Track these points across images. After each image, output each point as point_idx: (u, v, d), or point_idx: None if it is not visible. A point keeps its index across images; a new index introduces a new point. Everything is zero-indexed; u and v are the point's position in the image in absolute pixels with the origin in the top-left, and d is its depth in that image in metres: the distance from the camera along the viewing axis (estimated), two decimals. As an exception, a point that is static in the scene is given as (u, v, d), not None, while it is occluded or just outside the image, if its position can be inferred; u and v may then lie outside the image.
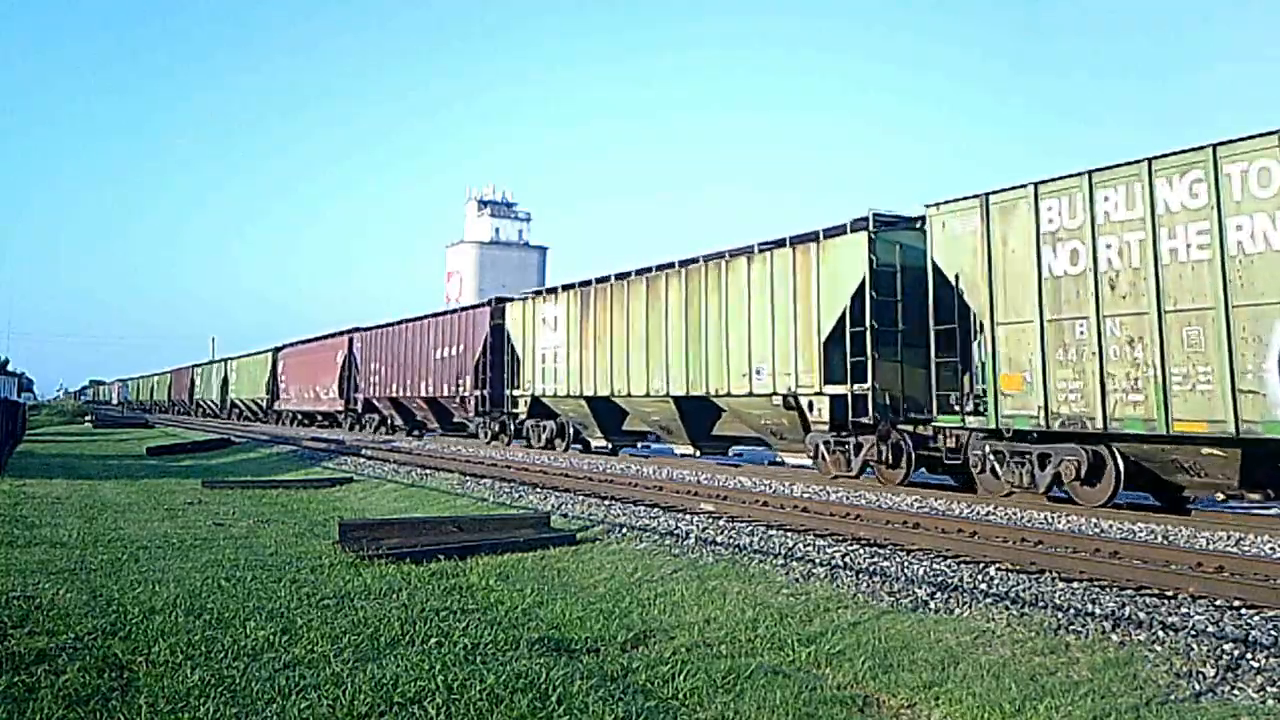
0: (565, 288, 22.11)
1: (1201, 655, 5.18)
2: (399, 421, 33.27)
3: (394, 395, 32.28)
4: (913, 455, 13.90)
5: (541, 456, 21.09)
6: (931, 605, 6.46)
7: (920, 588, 6.90)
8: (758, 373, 16.12)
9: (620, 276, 20.17)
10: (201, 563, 8.22)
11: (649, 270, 19.28)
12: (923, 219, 13.48)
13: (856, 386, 14.27)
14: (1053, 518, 10.71)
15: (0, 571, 7.66)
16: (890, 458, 14.05)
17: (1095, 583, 7.06)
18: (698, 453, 19.10)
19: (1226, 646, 5.27)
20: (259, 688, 4.60)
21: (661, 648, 5.63)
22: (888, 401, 14.05)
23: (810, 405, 15.09)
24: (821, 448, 15.13)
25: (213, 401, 55.00)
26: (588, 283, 21.26)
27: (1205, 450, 10.16)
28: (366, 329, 35.90)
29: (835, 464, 14.90)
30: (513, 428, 24.99)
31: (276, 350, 47.09)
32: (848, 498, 12.60)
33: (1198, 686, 4.81)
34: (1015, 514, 11.07)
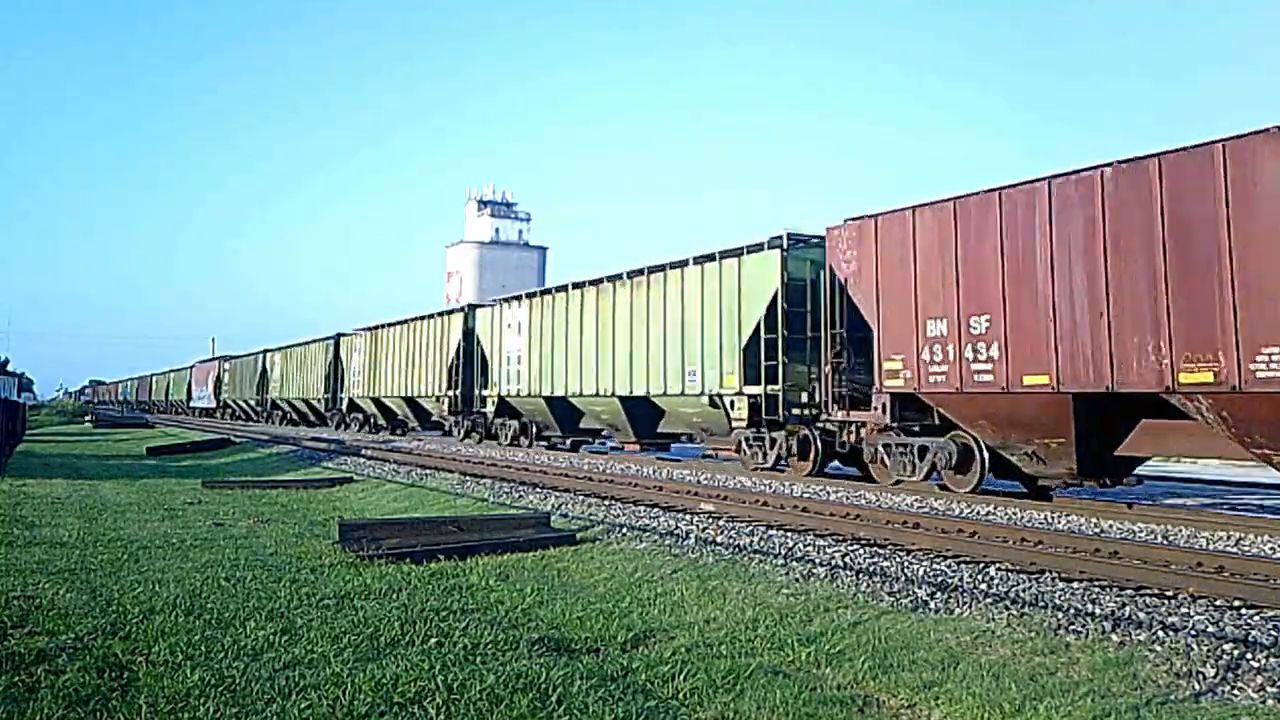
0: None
1: (1201, 655, 5.18)
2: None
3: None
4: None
5: (541, 456, 21.11)
6: (931, 605, 6.46)
7: (920, 588, 6.90)
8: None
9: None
10: (201, 563, 8.22)
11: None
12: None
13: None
14: (1053, 517, 10.72)
15: (0, 571, 7.66)
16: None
17: (1095, 583, 7.06)
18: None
19: (1226, 646, 5.27)
20: (259, 688, 4.60)
21: (661, 648, 5.63)
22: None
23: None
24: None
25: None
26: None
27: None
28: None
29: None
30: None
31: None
32: (848, 498, 12.61)
33: (1198, 686, 4.81)
34: (1015, 514, 11.07)
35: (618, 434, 21.24)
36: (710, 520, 10.43)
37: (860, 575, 7.35)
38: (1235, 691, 4.72)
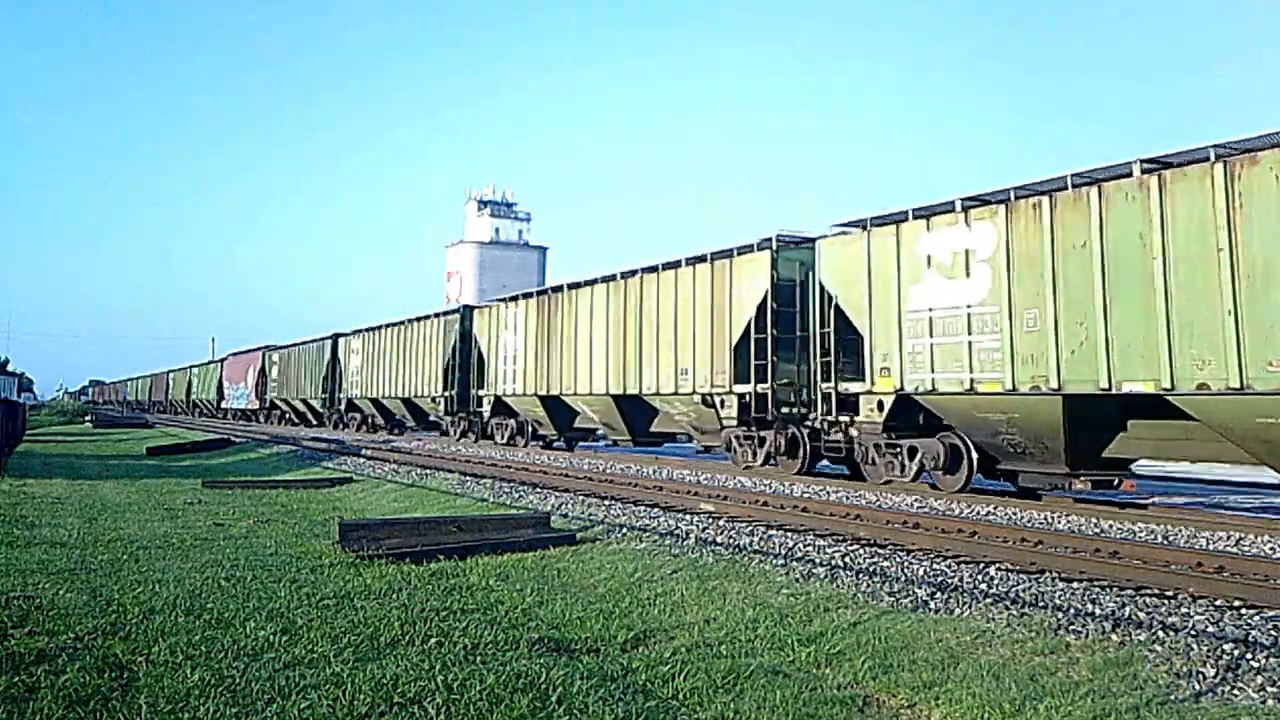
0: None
1: (1201, 655, 5.18)
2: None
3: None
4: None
5: (542, 456, 21.03)
6: (931, 605, 6.46)
7: (920, 588, 6.90)
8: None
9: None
10: (201, 563, 8.22)
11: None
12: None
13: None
14: (1053, 517, 10.71)
15: (0, 571, 7.66)
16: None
17: (1095, 583, 7.06)
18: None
19: (1226, 646, 5.27)
20: (259, 688, 4.60)
21: (661, 648, 5.63)
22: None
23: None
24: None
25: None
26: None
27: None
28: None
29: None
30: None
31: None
32: (848, 498, 12.61)
33: (1198, 686, 4.81)
34: (1015, 514, 11.07)
35: None
36: (710, 520, 10.43)
37: (860, 575, 7.36)
38: (1235, 691, 4.72)
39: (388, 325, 32.89)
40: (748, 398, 16.20)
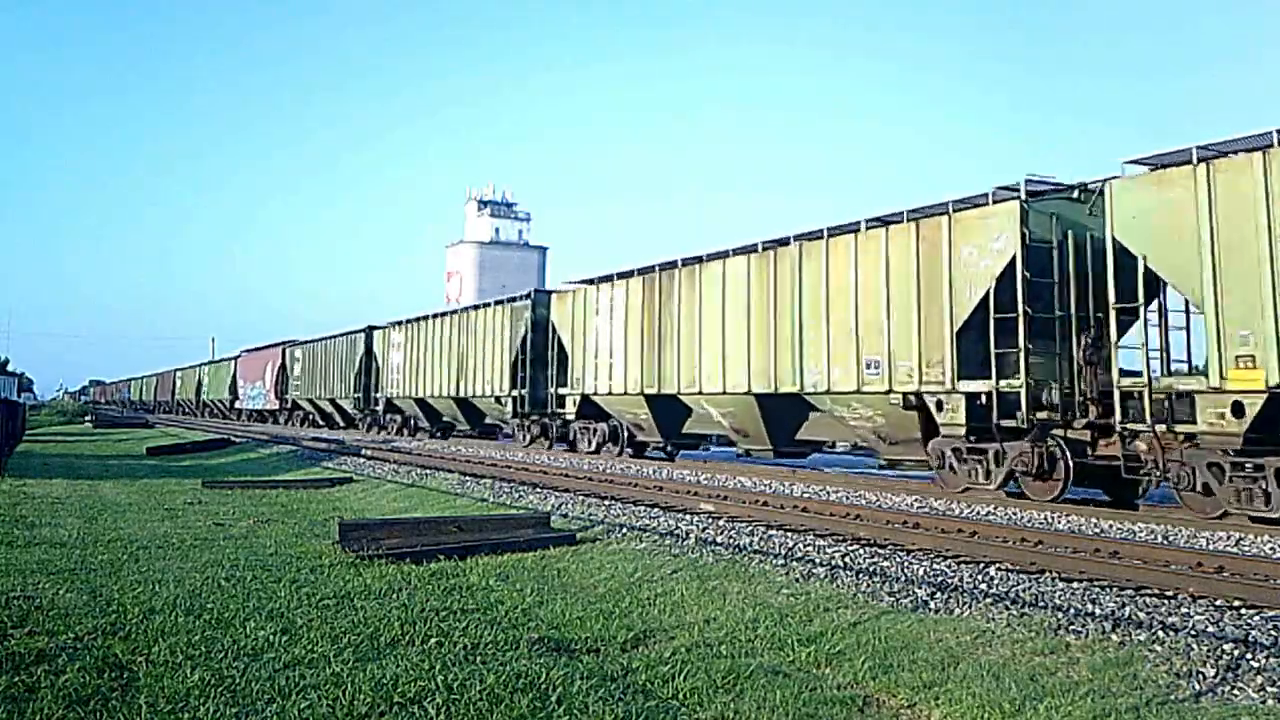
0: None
1: (1201, 655, 5.18)
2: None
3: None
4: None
5: (541, 456, 21.02)
6: (931, 605, 6.46)
7: (920, 588, 6.90)
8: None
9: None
10: (201, 563, 8.23)
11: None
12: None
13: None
14: (1053, 517, 10.71)
15: (0, 571, 7.66)
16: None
17: (1095, 583, 7.06)
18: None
19: (1226, 646, 5.27)
20: (259, 688, 4.60)
21: (661, 648, 5.63)
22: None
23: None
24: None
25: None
26: None
27: None
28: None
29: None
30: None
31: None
32: (848, 497, 12.61)
33: (1198, 686, 4.81)
34: (1015, 514, 11.07)
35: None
36: (710, 520, 10.44)
37: (860, 575, 7.36)
38: (1235, 691, 4.72)
39: (436, 315, 29.52)
40: (982, 399, 12.40)
